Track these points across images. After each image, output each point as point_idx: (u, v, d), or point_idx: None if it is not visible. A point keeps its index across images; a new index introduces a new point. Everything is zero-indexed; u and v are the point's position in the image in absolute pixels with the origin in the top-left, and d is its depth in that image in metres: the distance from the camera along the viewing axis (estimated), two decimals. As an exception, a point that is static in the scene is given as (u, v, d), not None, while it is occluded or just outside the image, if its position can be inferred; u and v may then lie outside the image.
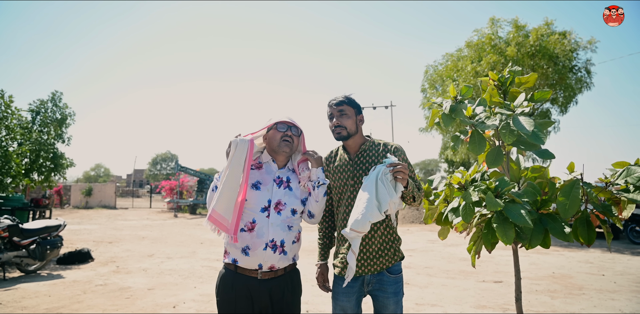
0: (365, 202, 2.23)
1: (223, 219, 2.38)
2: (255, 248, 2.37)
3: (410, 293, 6.09)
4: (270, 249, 2.38)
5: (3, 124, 9.53)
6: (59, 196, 31.55)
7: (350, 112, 2.58)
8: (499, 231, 2.20)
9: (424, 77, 18.06)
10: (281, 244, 2.41)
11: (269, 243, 2.38)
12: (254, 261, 2.38)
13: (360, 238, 2.30)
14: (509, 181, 2.32)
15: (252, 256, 2.38)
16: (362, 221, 2.21)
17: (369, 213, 2.20)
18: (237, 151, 2.38)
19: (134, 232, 14.70)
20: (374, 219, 2.21)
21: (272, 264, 2.40)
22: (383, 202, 2.21)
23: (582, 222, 2.40)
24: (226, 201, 2.37)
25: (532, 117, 2.29)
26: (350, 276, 2.37)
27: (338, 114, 2.57)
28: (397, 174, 2.24)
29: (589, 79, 15.36)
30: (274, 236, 2.40)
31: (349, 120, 2.56)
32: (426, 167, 66.44)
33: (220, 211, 2.37)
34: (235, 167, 2.37)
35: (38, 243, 7.49)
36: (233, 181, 2.37)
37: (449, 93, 2.58)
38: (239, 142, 2.40)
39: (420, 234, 14.36)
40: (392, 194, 2.23)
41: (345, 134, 2.55)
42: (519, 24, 15.06)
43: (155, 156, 74.14)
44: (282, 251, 2.42)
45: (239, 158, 2.37)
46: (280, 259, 2.42)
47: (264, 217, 2.42)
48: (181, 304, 5.55)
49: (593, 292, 6.26)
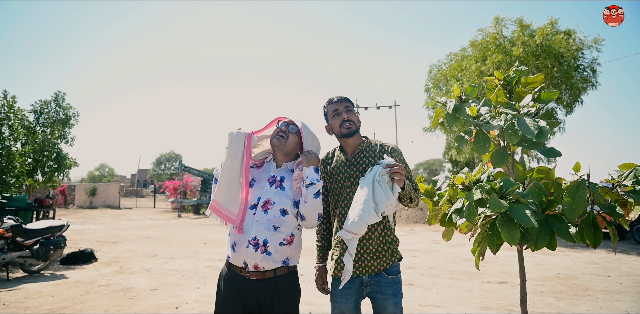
0: (362, 203, 2.19)
1: (223, 208, 2.42)
2: (240, 245, 2.38)
3: (414, 294, 6.06)
4: (252, 247, 2.35)
5: (6, 124, 9.54)
6: (64, 195, 31.61)
7: (353, 110, 2.61)
8: (503, 232, 2.16)
9: (427, 76, 18.00)
10: (264, 244, 2.35)
11: (251, 241, 2.36)
12: (239, 257, 2.39)
13: (356, 239, 2.26)
14: (514, 182, 2.29)
15: (238, 252, 2.39)
16: (359, 222, 2.17)
17: (366, 215, 2.17)
18: (233, 142, 2.45)
19: (137, 232, 14.71)
20: (370, 220, 2.18)
21: (256, 264, 2.35)
22: (380, 203, 2.18)
23: (588, 224, 2.36)
24: (224, 191, 2.44)
25: (538, 118, 2.25)
26: (346, 277, 2.34)
27: (345, 109, 2.57)
28: (394, 175, 2.21)
29: (594, 78, 15.27)
30: (256, 234, 2.37)
31: (355, 116, 2.58)
32: (430, 167, 66.39)
33: (220, 200, 2.44)
34: (232, 158, 2.44)
35: (41, 243, 7.49)
36: (230, 171, 2.44)
37: (454, 93, 2.54)
38: (234, 134, 2.47)
39: (424, 234, 14.31)
40: (389, 195, 2.20)
41: (354, 128, 2.55)
42: (523, 23, 14.98)
43: (159, 156, 74.40)
44: (264, 251, 2.35)
45: (235, 149, 2.44)
46: (263, 259, 2.35)
47: (251, 214, 2.42)
48: (184, 305, 5.54)
49: (599, 293, 6.20)
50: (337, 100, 2.58)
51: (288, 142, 2.53)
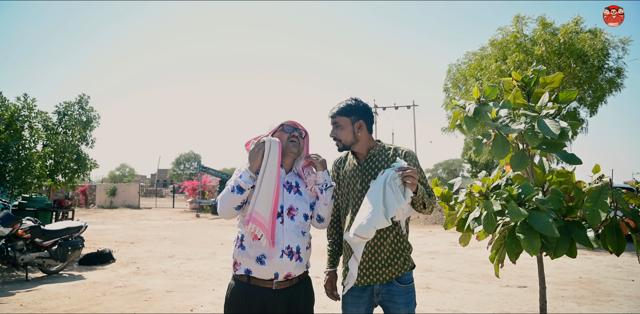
0: (372, 207, 2.12)
1: (265, 221, 2.29)
2: (272, 256, 2.29)
3: (432, 298, 5.96)
4: (286, 256, 2.30)
5: (26, 126, 9.68)
6: (84, 195, 32.13)
7: (345, 122, 2.48)
8: (523, 241, 2.08)
9: (446, 76, 17.85)
10: (297, 251, 2.35)
11: (285, 250, 2.30)
12: (270, 270, 2.29)
13: (363, 244, 2.19)
14: (533, 187, 2.20)
15: (269, 265, 2.29)
16: (367, 226, 2.10)
17: (375, 219, 2.09)
18: (271, 150, 2.34)
19: (156, 232, 14.83)
20: (379, 225, 2.10)
21: (289, 273, 2.32)
22: (390, 208, 2.09)
23: (611, 230, 2.27)
24: (266, 203, 2.30)
25: (558, 119, 2.16)
26: (350, 283, 2.28)
27: (333, 126, 2.52)
28: (406, 178, 2.12)
29: (619, 79, 14.92)
30: (289, 243, 2.33)
31: (343, 131, 2.49)
32: (449, 168, 65.86)
33: (262, 212, 2.30)
34: (271, 167, 2.33)
35: (60, 244, 7.57)
36: (271, 181, 2.32)
37: (472, 94, 2.45)
38: (272, 141, 2.36)
39: (442, 235, 14.15)
40: (401, 199, 2.11)
41: (340, 146, 2.52)
42: (545, 21, 14.70)
43: (179, 156, 75.21)
44: (298, 258, 2.35)
45: (273, 158, 2.33)
46: (296, 267, 2.34)
47: (278, 223, 2.35)
48: (198, 307, 5.52)
49: (622, 298, 6.02)
50: (329, 115, 2.54)
51: (301, 147, 2.51)
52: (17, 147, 9.28)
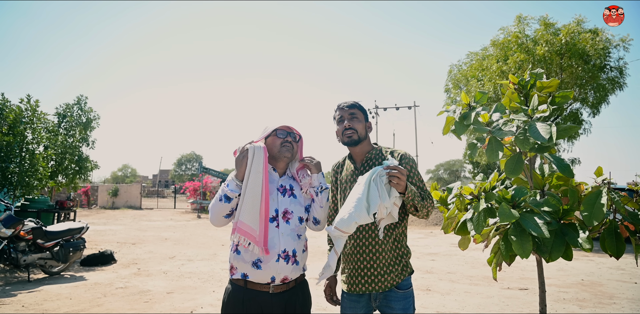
0: (355, 201, 2.11)
1: (251, 230, 2.29)
2: (268, 260, 2.29)
3: (432, 300, 5.95)
4: (282, 260, 2.30)
5: (29, 128, 9.70)
6: (87, 196, 32.15)
7: (361, 117, 2.50)
8: (515, 243, 2.07)
9: (447, 77, 17.82)
10: (293, 254, 2.35)
11: (281, 254, 2.31)
12: (266, 274, 2.30)
13: (344, 238, 2.17)
14: (528, 190, 2.19)
15: (265, 269, 2.29)
16: (348, 220, 2.08)
17: (356, 213, 2.07)
18: (255, 158, 2.33)
19: (157, 233, 14.85)
20: (360, 220, 2.08)
21: (285, 276, 2.32)
22: (372, 204, 2.08)
23: (610, 234, 2.25)
24: (250, 211, 2.30)
25: (559, 120, 2.15)
26: (325, 274, 2.28)
27: (349, 116, 2.47)
28: (392, 178, 2.11)
29: (621, 79, 14.87)
30: (285, 246, 2.33)
31: (360, 124, 2.47)
32: (450, 168, 65.71)
33: (247, 221, 2.30)
34: (255, 175, 2.32)
35: (61, 245, 7.59)
36: (254, 189, 2.31)
37: (462, 100, 2.45)
38: (255, 149, 2.35)
39: (443, 237, 14.13)
40: (384, 197, 2.09)
41: (356, 137, 2.45)
42: (547, 21, 14.66)
43: (180, 157, 75.31)
44: (294, 261, 2.35)
45: (257, 165, 2.32)
46: (293, 270, 2.35)
47: (273, 227, 2.35)
48: (199, 308, 5.53)
49: (624, 301, 6.00)
50: (345, 106, 2.50)
51: (294, 151, 2.51)
52: (20, 148, 9.31)
